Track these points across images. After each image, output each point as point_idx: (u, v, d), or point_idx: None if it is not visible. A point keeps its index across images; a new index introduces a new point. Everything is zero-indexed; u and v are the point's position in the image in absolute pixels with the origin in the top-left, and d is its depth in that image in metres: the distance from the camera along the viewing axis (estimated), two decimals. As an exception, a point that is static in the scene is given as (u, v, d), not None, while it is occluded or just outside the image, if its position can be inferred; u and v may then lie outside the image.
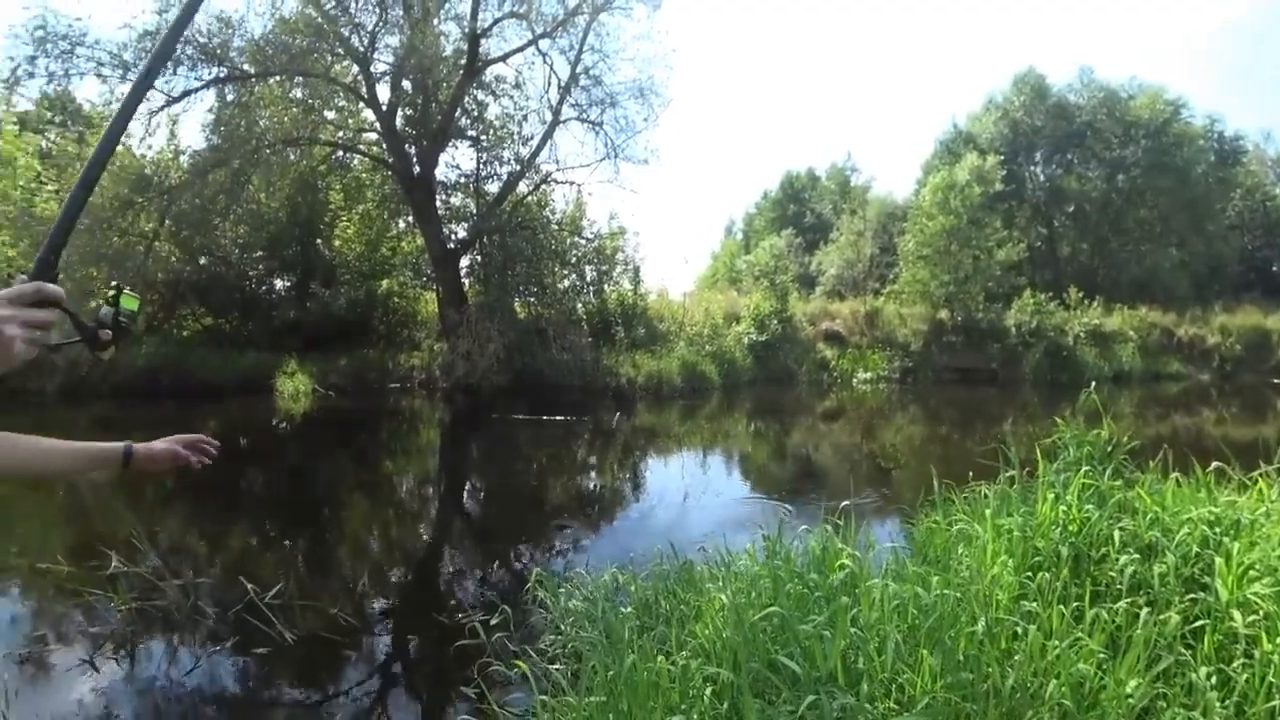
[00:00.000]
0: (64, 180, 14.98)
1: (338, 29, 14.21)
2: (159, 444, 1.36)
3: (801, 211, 40.46)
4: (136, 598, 3.88)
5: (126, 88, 13.46)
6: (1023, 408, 14.54)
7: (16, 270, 14.00)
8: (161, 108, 13.89)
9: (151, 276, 14.64)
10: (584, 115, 16.90)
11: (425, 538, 5.84)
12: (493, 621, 3.30)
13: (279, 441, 9.73)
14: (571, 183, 17.80)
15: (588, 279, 17.98)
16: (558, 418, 10.98)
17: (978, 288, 21.37)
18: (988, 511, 2.84)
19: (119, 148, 12.55)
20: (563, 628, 3.10)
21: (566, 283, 17.65)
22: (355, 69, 15.22)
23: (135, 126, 14.52)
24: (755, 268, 24.48)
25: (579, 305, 17.49)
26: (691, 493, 6.82)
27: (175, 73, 13.40)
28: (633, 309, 17.93)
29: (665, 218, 67.36)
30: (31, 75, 12.88)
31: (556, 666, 2.69)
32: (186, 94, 13.83)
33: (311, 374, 14.15)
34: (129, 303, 1.03)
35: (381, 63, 15.25)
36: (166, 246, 15.29)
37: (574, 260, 17.70)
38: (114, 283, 1.05)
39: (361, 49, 14.61)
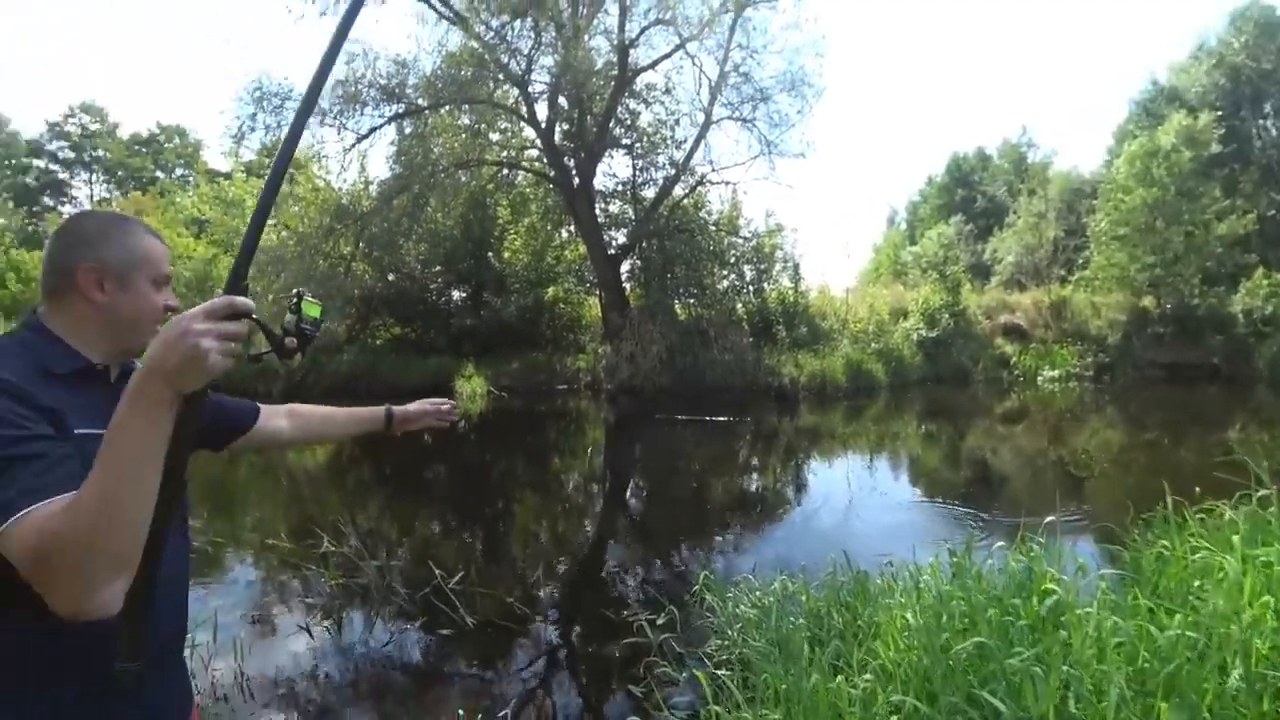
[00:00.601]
0: (280, 216, 17.45)
1: (497, 56, 15.23)
2: (412, 406, 1.57)
3: (971, 196, 37.33)
4: (342, 575, 4.37)
5: (326, 131, 15.45)
6: (1255, 411, 12.36)
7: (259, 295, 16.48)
8: (353, 145, 15.75)
9: (350, 293, 16.54)
10: (736, 113, 16.80)
11: (591, 533, 6.03)
12: (659, 621, 3.31)
13: (459, 439, 10.53)
14: (726, 182, 17.82)
15: (747, 278, 17.87)
16: (720, 418, 10.93)
17: (1192, 269, 18.46)
18: (1235, 538, 2.37)
19: (320, 184, 14.42)
20: (730, 633, 3.03)
21: (726, 283, 17.64)
22: (515, 91, 16.24)
23: (332, 164, 16.73)
24: (922, 259, 23.07)
25: (739, 305, 17.41)
26: (857, 498, 6.48)
27: (362, 113, 15.19)
28: (793, 307, 17.54)
29: (823, 211, 65.30)
30: (253, 129, 15.13)
31: (723, 673, 2.63)
32: (372, 130, 15.54)
33: (486, 377, 15.24)
34: (310, 309, 1.04)
35: (538, 83, 16.17)
36: (361, 266, 17.18)
37: (732, 260, 17.66)
38: (295, 290, 1.07)
39: (519, 72, 15.55)
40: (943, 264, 19.80)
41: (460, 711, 2.79)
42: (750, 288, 17.80)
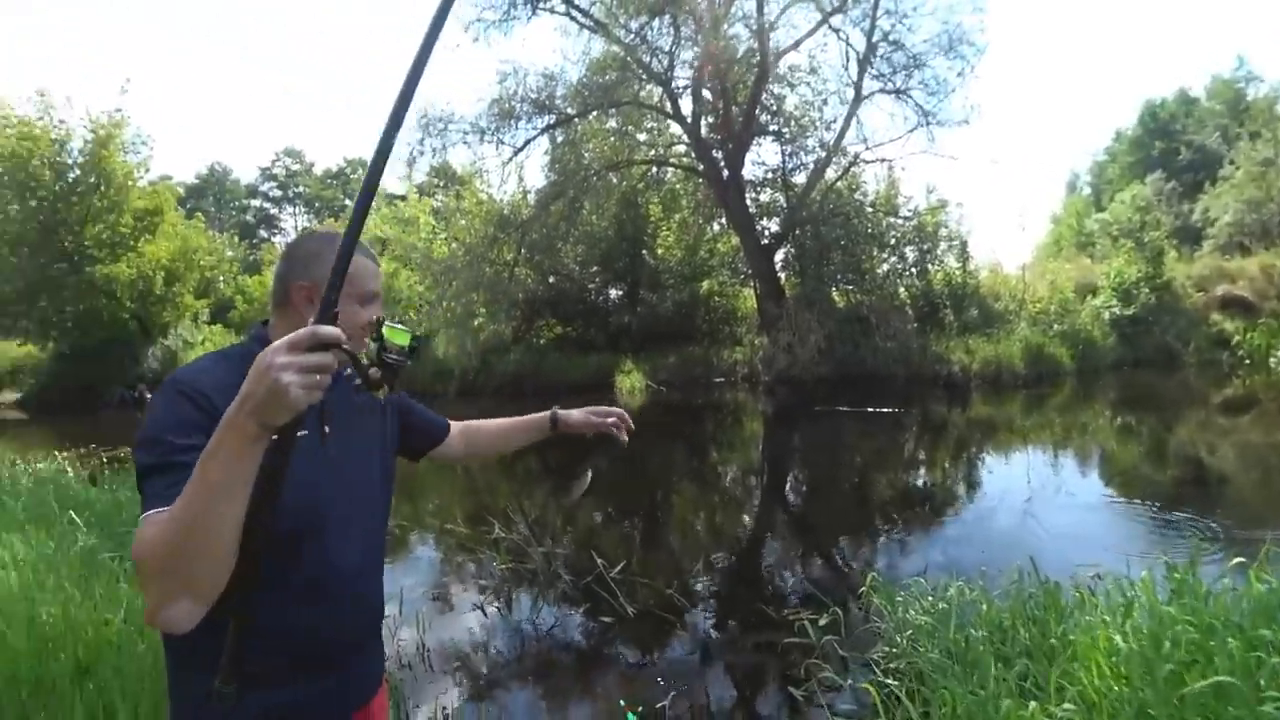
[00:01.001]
0: (451, 229, 19.05)
1: (639, 57, 15.53)
2: (575, 413, 1.63)
3: (1173, 148, 32.52)
4: (511, 559, 4.68)
5: (485, 148, 16.50)
6: None
7: (425, 303, 18.08)
8: (510, 158, 16.82)
9: (515, 296, 17.66)
10: (888, 85, 15.85)
11: (750, 527, 5.97)
12: (820, 621, 3.19)
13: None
14: (882, 160, 16.91)
15: (909, 260, 16.97)
16: (883, 410, 10.39)
17: None
18: None
19: (484, 197, 15.56)
20: (899, 640, 2.85)
21: (886, 266, 16.89)
22: (659, 90, 16.47)
23: (493, 178, 18.01)
24: (1112, 226, 20.51)
25: (901, 289, 16.58)
26: (1039, 498, 5.89)
27: (516, 127, 16.19)
28: (962, 288, 16.41)
29: (993, 182, 60.01)
30: (422, 154, 16.51)
31: (892, 682, 2.48)
32: (527, 143, 16.49)
33: (644, 371, 15.63)
34: (396, 336, 0.94)
35: (681, 79, 16.27)
36: (524, 271, 18.22)
37: (892, 242, 16.84)
38: (378, 316, 1.05)
39: (661, 70, 15.74)
40: (1139, 230, 17.46)
41: (621, 702, 2.86)
42: (913, 270, 16.85)
